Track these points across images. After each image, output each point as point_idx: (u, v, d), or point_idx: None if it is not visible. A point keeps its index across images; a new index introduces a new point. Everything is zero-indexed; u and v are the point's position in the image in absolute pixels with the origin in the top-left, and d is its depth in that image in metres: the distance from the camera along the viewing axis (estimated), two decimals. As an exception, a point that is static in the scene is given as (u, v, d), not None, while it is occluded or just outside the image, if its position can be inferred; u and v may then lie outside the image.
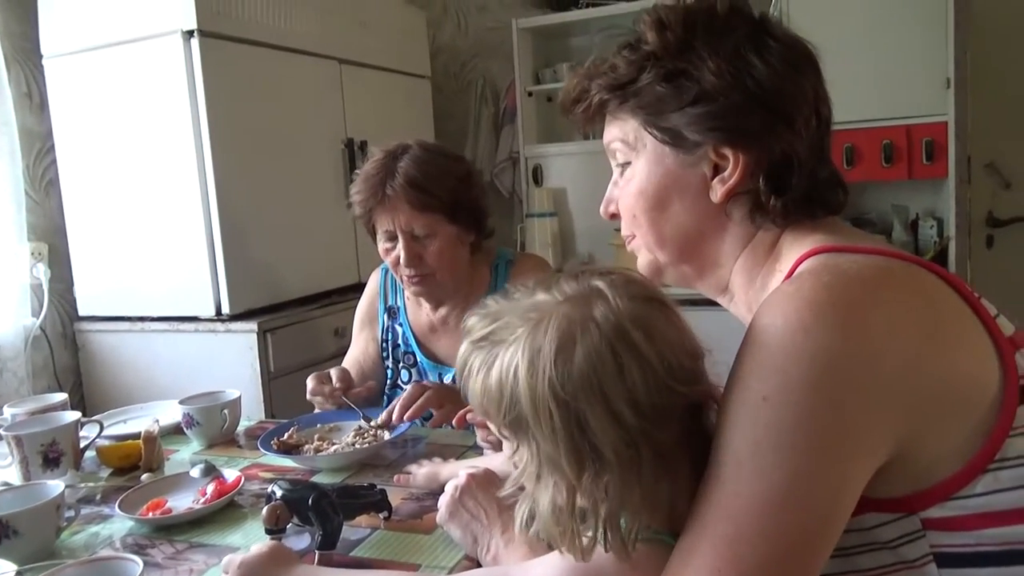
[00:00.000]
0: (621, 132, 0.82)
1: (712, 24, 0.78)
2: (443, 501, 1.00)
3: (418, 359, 1.60)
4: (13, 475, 1.29)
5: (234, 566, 0.86)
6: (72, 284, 2.45)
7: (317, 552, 0.95)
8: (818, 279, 0.67)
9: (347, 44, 2.65)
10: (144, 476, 1.28)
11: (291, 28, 2.41)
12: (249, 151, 2.27)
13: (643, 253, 0.86)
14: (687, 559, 0.65)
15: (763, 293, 0.77)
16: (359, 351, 1.68)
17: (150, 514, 1.10)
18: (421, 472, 1.18)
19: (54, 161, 2.44)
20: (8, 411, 1.39)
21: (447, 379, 1.55)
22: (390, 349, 1.64)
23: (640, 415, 0.62)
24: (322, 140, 2.57)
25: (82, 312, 2.45)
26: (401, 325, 1.63)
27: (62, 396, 1.45)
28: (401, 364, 1.62)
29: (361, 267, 2.72)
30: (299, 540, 1.01)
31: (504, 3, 3.52)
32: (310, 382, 1.47)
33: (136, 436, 1.38)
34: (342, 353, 2.45)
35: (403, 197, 1.41)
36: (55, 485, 1.07)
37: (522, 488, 0.71)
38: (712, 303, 0.88)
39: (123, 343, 2.38)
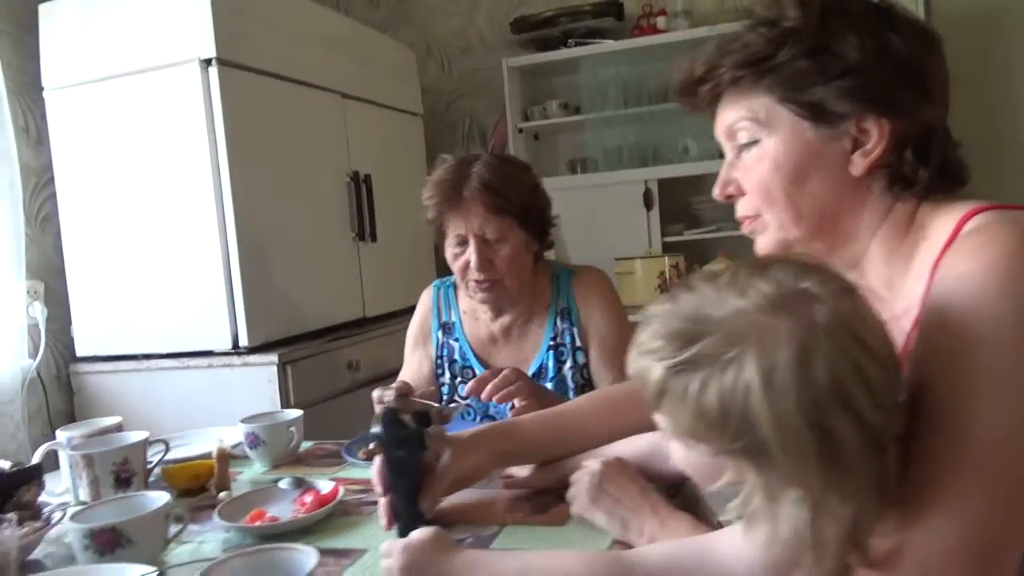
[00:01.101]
0: (749, 110, 0.84)
1: (847, 4, 0.82)
2: (581, 490, 0.98)
3: (476, 372, 1.58)
4: (70, 498, 1.21)
5: (397, 550, 0.82)
6: (69, 323, 2.34)
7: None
8: (1004, 229, 0.70)
9: (348, 79, 2.66)
10: (221, 495, 1.21)
11: (299, 60, 2.41)
12: (265, 180, 2.24)
13: (771, 232, 0.86)
14: (928, 515, 0.64)
15: (908, 263, 0.79)
16: (412, 371, 1.65)
17: (256, 523, 1.04)
18: (526, 471, 1.15)
19: (50, 196, 2.35)
20: (62, 434, 1.31)
21: None
22: (446, 365, 1.61)
23: (884, 412, 0.61)
24: (330, 172, 2.55)
25: (80, 352, 2.33)
26: (457, 340, 1.61)
27: (117, 419, 1.37)
28: (459, 379, 1.59)
29: (366, 302, 2.68)
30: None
31: (487, 45, 3.60)
32: (376, 392, 1.43)
33: (193, 459, 1.32)
34: (358, 387, 2.42)
35: (478, 199, 1.42)
36: (159, 495, 1.01)
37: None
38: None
39: (126, 384, 2.27)
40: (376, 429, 0.98)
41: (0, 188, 2.15)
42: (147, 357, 2.25)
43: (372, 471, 1.02)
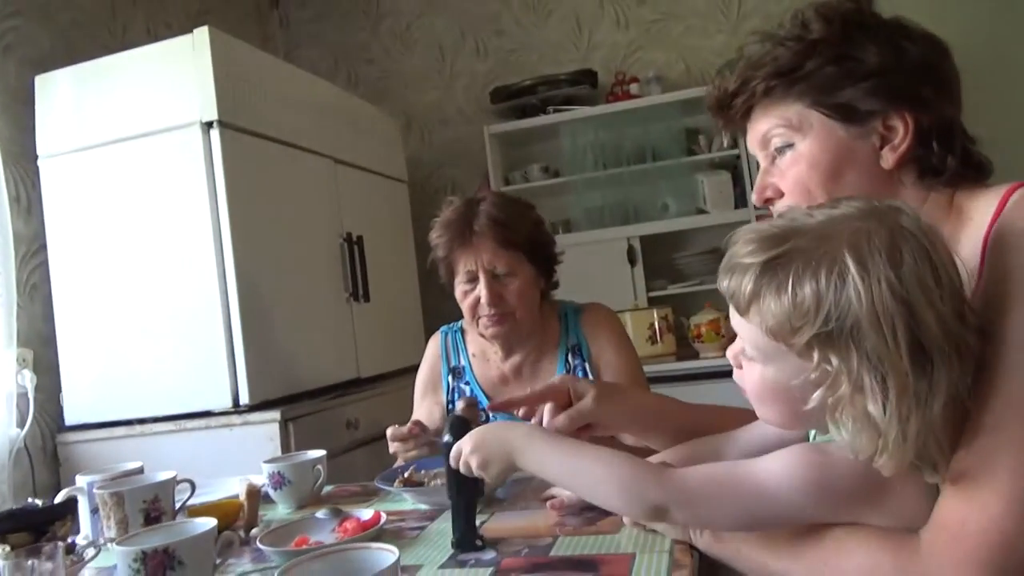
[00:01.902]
0: (782, 118, 0.92)
1: (863, 18, 0.91)
2: None
3: (490, 415, 1.57)
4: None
5: (464, 439, 0.94)
6: (58, 392, 2.28)
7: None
8: None
9: (339, 145, 2.73)
10: (253, 531, 1.18)
11: (294, 125, 2.47)
12: (264, 240, 2.25)
13: None
14: (989, 450, 0.68)
15: (954, 246, 0.82)
16: (424, 417, 1.63)
17: (304, 547, 1.01)
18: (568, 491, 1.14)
19: (40, 264, 2.33)
20: (82, 479, 1.26)
21: None
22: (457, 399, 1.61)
23: (958, 321, 0.67)
24: (324, 234, 2.58)
25: (69, 420, 2.27)
26: (468, 383, 1.62)
27: (138, 463, 1.33)
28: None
29: (360, 363, 2.67)
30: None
31: (465, 116, 3.73)
32: (390, 431, 1.43)
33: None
34: (358, 445, 2.38)
35: (488, 234, 1.47)
36: (201, 521, 0.98)
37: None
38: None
39: (118, 450, 2.19)
40: (447, 437, 0.98)
41: (-8, 256, 2.13)
42: (140, 421, 2.19)
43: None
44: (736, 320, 0.78)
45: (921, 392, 0.66)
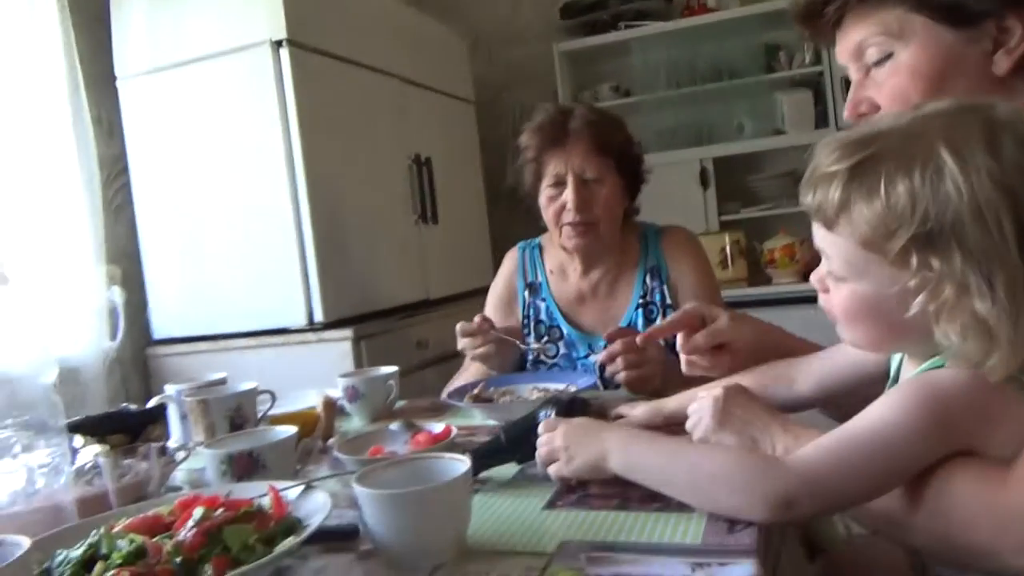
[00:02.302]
0: (880, 24, 0.85)
1: None
2: (705, 414, 0.97)
3: (564, 331, 1.58)
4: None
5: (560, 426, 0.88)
6: (145, 308, 2.40)
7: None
8: None
9: (406, 64, 2.69)
10: (330, 442, 1.23)
11: (362, 44, 2.44)
12: (335, 161, 2.27)
13: None
14: None
15: None
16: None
17: (379, 456, 1.05)
18: (639, 410, 1.14)
19: (124, 185, 2.41)
20: (171, 387, 1.33)
21: (598, 349, 1.53)
22: (532, 325, 1.62)
23: None
24: (393, 155, 2.58)
25: (157, 335, 2.39)
26: (544, 300, 1.62)
27: (222, 374, 1.39)
28: (546, 338, 1.59)
29: (429, 285, 2.70)
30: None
31: (535, 33, 3.62)
32: (460, 325, 1.45)
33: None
34: (427, 365, 2.43)
35: (583, 135, 1.46)
36: (283, 429, 1.03)
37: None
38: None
39: (202, 364, 2.29)
40: (545, 412, 0.96)
41: (79, 179, 2.21)
42: (223, 337, 2.29)
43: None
44: (822, 237, 0.75)
45: None
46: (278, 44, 2.13)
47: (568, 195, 1.47)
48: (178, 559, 0.65)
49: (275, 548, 0.68)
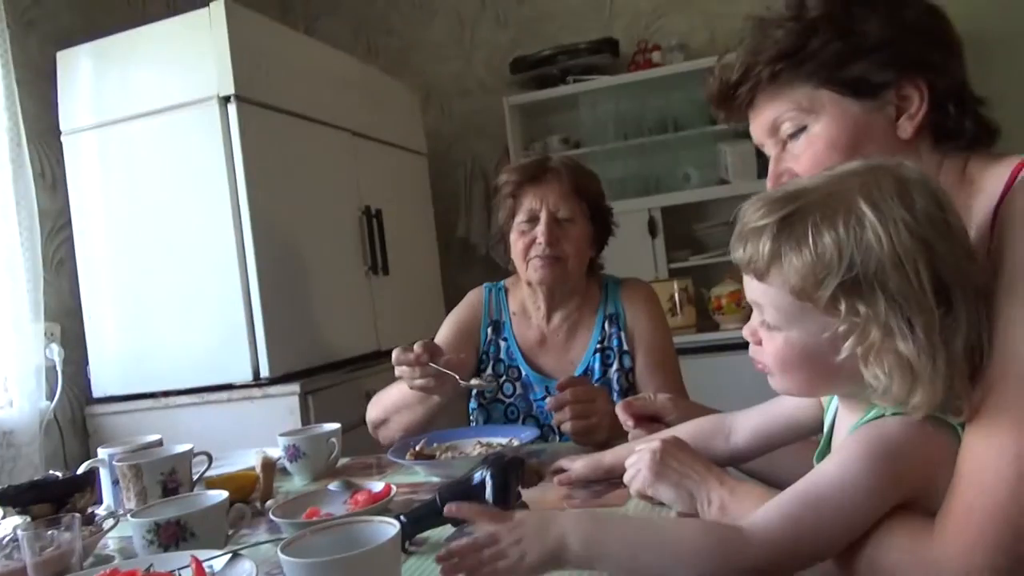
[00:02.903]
0: (791, 102, 0.89)
1: None
2: (643, 466, 0.97)
3: (523, 372, 1.59)
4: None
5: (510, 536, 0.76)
6: (85, 365, 2.33)
7: None
8: None
9: (358, 118, 2.72)
10: (268, 503, 1.20)
11: (312, 99, 2.46)
12: (283, 214, 2.27)
13: None
14: (992, 428, 0.68)
15: (967, 214, 0.81)
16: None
17: (315, 519, 1.03)
18: (578, 464, 1.15)
19: (66, 239, 2.37)
20: (103, 451, 1.30)
21: (554, 392, 1.53)
22: (492, 363, 1.62)
23: (969, 261, 0.69)
24: (343, 207, 2.59)
25: (96, 393, 2.32)
26: (506, 339, 1.63)
27: (157, 436, 1.36)
28: (504, 378, 1.60)
29: (380, 336, 2.69)
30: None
31: (485, 87, 3.70)
32: (396, 352, 1.36)
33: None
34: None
35: (561, 174, 1.53)
36: (214, 493, 1.00)
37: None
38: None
39: (143, 422, 2.24)
40: (483, 474, 0.94)
41: (19, 233, 2.16)
42: (165, 394, 2.24)
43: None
44: (754, 289, 0.78)
45: (947, 327, 0.68)
46: (226, 100, 2.13)
47: (540, 229, 1.50)
48: (90, 639, 0.63)
49: (194, 623, 0.66)
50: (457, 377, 1.31)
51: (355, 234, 2.63)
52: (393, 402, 1.55)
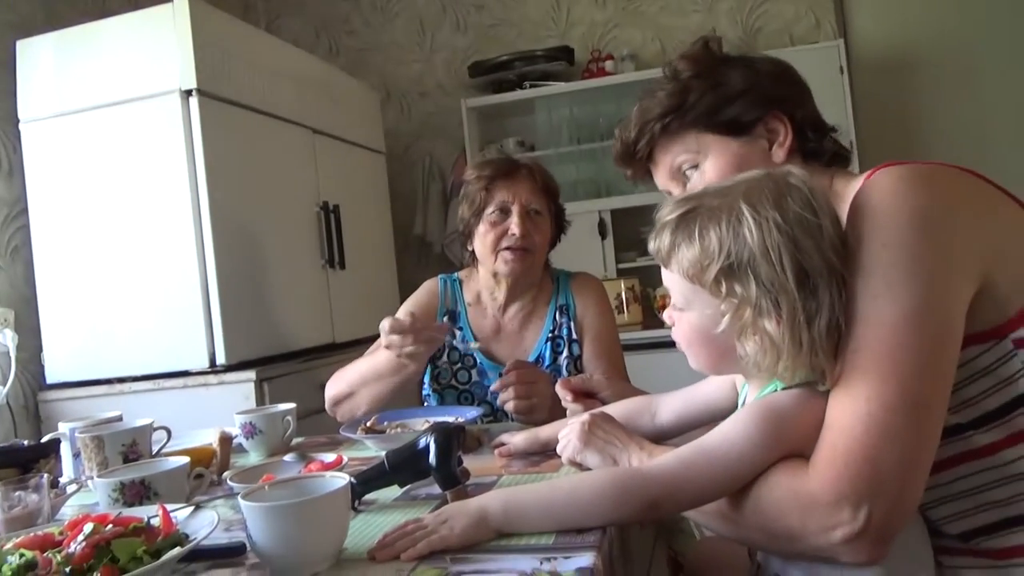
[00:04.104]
0: (683, 146, 1.07)
1: (715, 53, 1.10)
2: (572, 437, 1.07)
3: (477, 360, 1.67)
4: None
5: (435, 518, 0.86)
6: (39, 352, 2.35)
7: (449, 493, 1.00)
8: (898, 170, 0.89)
9: (318, 115, 2.79)
10: (225, 474, 1.27)
11: (272, 95, 2.52)
12: (242, 206, 2.32)
13: None
14: (850, 380, 0.80)
15: None
16: None
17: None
18: (518, 438, 1.24)
19: (22, 227, 2.39)
20: (64, 426, 1.35)
21: None
22: (447, 351, 1.70)
23: (837, 255, 0.82)
24: (301, 202, 2.65)
25: (51, 379, 2.34)
26: (461, 328, 1.70)
27: (117, 412, 1.41)
28: (459, 365, 1.68)
29: (335, 328, 2.75)
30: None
31: (444, 89, 3.79)
32: (388, 322, 1.38)
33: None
34: (330, 407, 2.46)
35: (533, 174, 1.63)
36: (176, 459, 1.07)
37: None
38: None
39: (97, 408, 2.23)
40: (428, 441, 1.01)
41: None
42: (120, 380, 2.27)
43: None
44: (664, 276, 0.91)
45: (810, 310, 0.80)
46: (188, 93, 2.18)
47: (514, 220, 1.58)
48: (67, 569, 0.70)
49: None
50: (448, 336, 1.46)
51: (313, 228, 2.69)
52: (362, 375, 1.58)
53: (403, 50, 3.85)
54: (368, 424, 1.36)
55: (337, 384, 1.66)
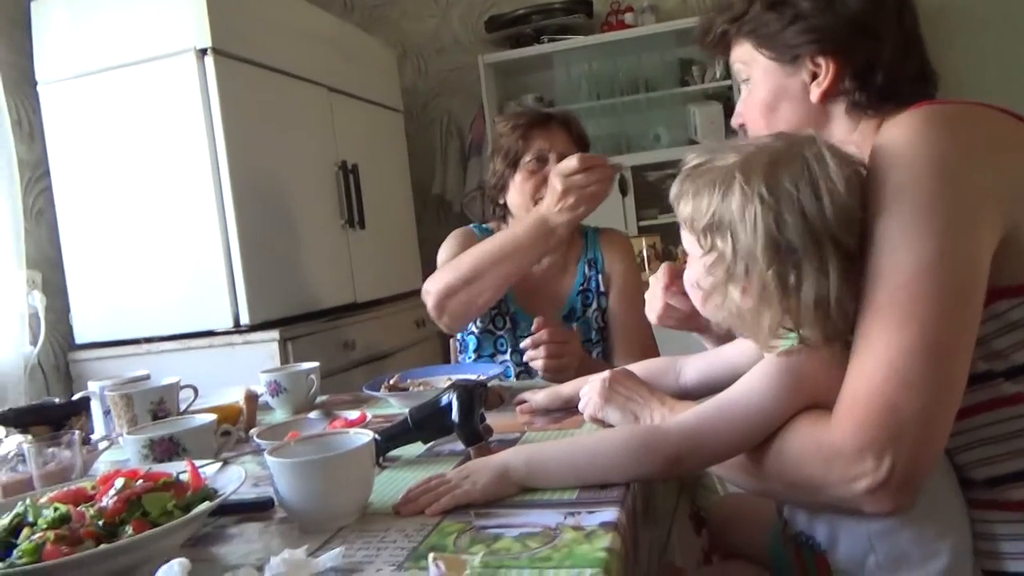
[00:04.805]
0: (740, 55, 1.05)
1: None
2: (593, 394, 1.08)
3: (511, 309, 1.68)
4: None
5: (458, 474, 0.88)
6: (67, 313, 2.39)
7: (472, 450, 1.00)
8: (923, 111, 0.86)
9: (334, 74, 2.76)
10: (252, 431, 1.29)
11: (288, 53, 2.50)
12: (261, 166, 2.32)
13: None
14: (870, 330, 0.79)
15: None
16: None
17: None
18: (540, 395, 1.25)
19: (45, 189, 2.40)
20: (94, 384, 1.37)
21: None
22: None
23: (840, 224, 0.80)
24: (319, 161, 2.64)
25: (79, 340, 2.38)
26: None
27: (145, 371, 1.44)
28: (496, 311, 1.68)
29: (356, 288, 2.76)
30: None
31: (461, 45, 3.73)
32: (568, 163, 1.42)
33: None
34: (353, 366, 2.49)
35: (568, 124, 1.64)
36: (203, 416, 1.09)
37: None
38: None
39: (126, 367, 2.29)
40: (450, 398, 1.02)
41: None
42: (147, 340, 2.30)
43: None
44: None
45: (786, 285, 0.80)
46: (203, 52, 2.17)
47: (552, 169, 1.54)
48: (100, 522, 0.72)
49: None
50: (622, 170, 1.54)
51: (332, 188, 2.69)
52: (490, 254, 1.49)
53: (419, 5, 3.78)
54: (391, 382, 1.37)
55: (447, 274, 1.54)
